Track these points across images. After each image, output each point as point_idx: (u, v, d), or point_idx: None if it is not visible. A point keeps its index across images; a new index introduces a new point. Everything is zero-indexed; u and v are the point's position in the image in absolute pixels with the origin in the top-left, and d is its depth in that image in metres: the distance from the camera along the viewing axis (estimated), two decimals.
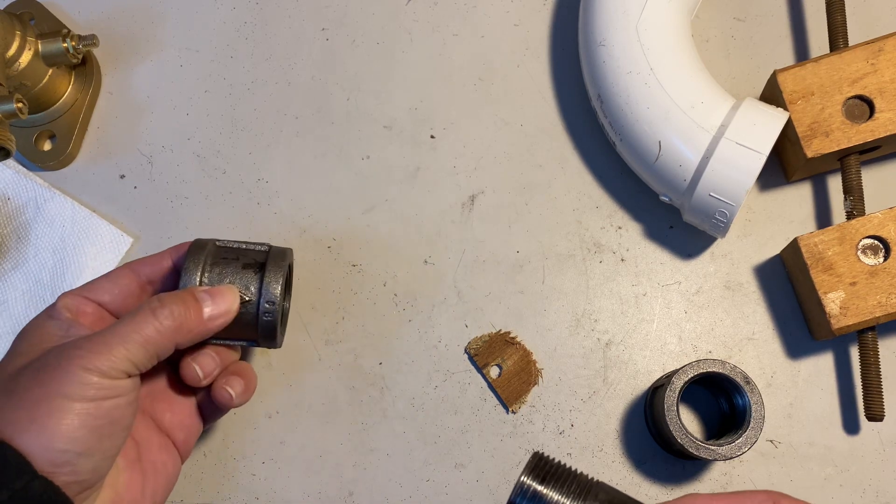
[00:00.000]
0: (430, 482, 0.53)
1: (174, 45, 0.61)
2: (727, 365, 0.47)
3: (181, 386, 0.47)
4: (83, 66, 0.60)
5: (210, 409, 0.48)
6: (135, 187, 0.59)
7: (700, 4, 0.56)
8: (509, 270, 0.56)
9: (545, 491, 0.39)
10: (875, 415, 0.49)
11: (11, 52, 0.53)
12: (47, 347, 0.41)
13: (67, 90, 0.59)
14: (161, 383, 0.47)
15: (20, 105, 0.49)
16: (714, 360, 0.48)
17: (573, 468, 0.41)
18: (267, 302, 0.45)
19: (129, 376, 0.40)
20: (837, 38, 0.53)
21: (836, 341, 0.54)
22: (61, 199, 0.58)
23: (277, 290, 0.45)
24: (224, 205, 0.58)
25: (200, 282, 0.45)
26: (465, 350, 0.55)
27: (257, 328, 0.46)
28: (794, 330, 0.54)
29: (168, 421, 0.47)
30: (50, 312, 0.44)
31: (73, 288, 0.46)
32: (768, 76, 0.53)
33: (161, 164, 0.59)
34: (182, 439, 0.47)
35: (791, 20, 0.59)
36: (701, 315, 0.55)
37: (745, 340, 0.54)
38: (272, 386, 0.55)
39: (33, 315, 0.56)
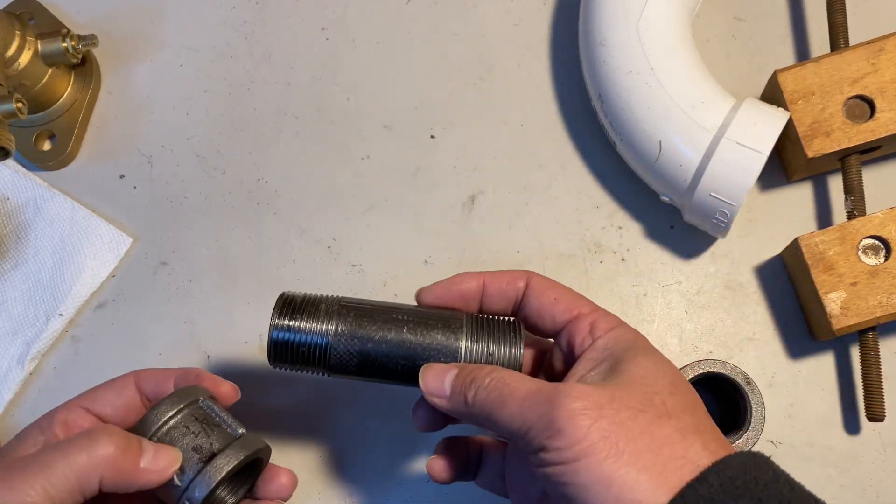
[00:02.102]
0: (431, 482, 0.53)
1: (174, 44, 0.61)
2: (728, 365, 0.47)
3: None
4: (83, 65, 0.59)
5: None
6: (134, 187, 0.59)
7: (700, 4, 0.56)
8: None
9: (295, 323, 0.42)
10: (876, 415, 0.49)
11: (11, 51, 0.53)
12: (14, 458, 0.38)
13: (67, 90, 0.59)
14: None
15: (20, 105, 0.49)
16: (715, 360, 0.48)
17: (321, 294, 0.44)
18: (187, 499, 0.39)
19: None
20: (838, 37, 0.53)
21: (837, 341, 0.53)
22: (61, 199, 0.58)
23: (201, 494, 0.39)
24: (224, 205, 0.58)
25: (154, 434, 0.40)
26: None
27: None
28: (794, 330, 0.54)
29: None
30: (41, 422, 0.41)
31: (74, 397, 0.43)
32: (769, 76, 0.53)
33: (161, 164, 0.59)
34: None
35: (792, 20, 0.59)
36: (701, 315, 0.55)
37: (746, 341, 0.54)
38: (272, 387, 0.55)
39: (33, 315, 0.56)
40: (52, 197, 0.58)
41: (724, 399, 0.51)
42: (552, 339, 0.43)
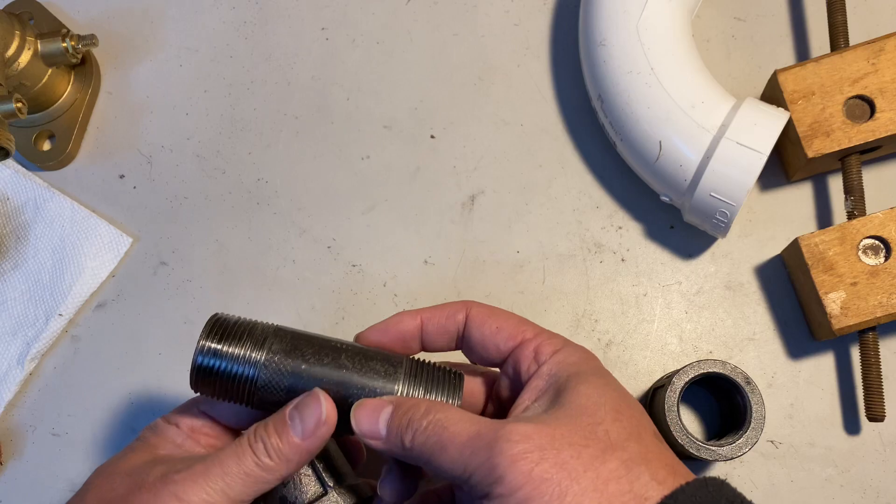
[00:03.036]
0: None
1: (174, 44, 0.61)
2: (728, 365, 0.47)
3: None
4: (82, 65, 0.59)
5: None
6: (134, 187, 0.59)
7: (700, 4, 0.56)
8: (509, 270, 0.56)
9: (224, 348, 0.39)
10: (876, 415, 0.49)
11: (11, 51, 0.53)
12: (161, 455, 0.40)
13: (67, 90, 0.59)
14: None
15: (19, 105, 0.49)
16: (715, 360, 0.48)
17: (253, 320, 0.41)
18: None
19: None
20: (838, 37, 0.53)
21: (837, 341, 0.53)
22: (60, 199, 0.58)
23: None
24: (224, 205, 0.58)
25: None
26: None
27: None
28: (794, 330, 0.54)
29: None
30: (174, 418, 0.42)
31: (194, 397, 0.43)
32: (769, 76, 0.53)
33: (161, 164, 0.59)
34: None
35: (792, 20, 0.59)
36: (701, 315, 0.55)
37: (746, 341, 0.54)
38: None
39: (33, 315, 0.56)
40: (51, 197, 0.58)
41: (724, 399, 0.51)
42: (499, 369, 0.42)
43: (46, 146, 0.59)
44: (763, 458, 0.52)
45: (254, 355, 0.39)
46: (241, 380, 0.39)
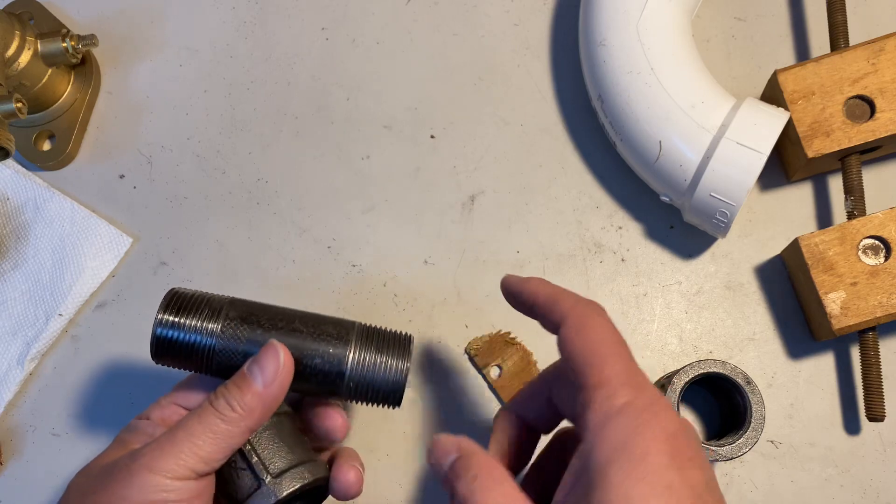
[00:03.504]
0: (431, 482, 0.53)
1: (174, 44, 0.61)
2: (728, 365, 0.47)
3: None
4: (82, 65, 0.59)
5: None
6: (134, 187, 0.59)
7: (700, 4, 0.56)
8: (509, 270, 0.56)
9: (181, 320, 0.41)
10: (876, 415, 0.49)
11: (11, 51, 0.53)
12: (136, 448, 0.40)
13: (67, 90, 0.59)
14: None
15: (19, 105, 0.49)
16: (715, 360, 0.48)
17: (209, 293, 0.43)
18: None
19: (200, 476, 0.38)
20: (838, 37, 0.53)
21: (837, 341, 0.53)
22: (60, 199, 0.58)
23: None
24: (224, 205, 0.58)
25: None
26: (466, 350, 0.55)
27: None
28: (794, 330, 0.54)
29: None
30: (146, 413, 0.43)
31: (166, 394, 0.44)
32: (769, 76, 0.53)
33: (161, 164, 0.59)
34: None
35: (792, 20, 0.59)
36: (701, 315, 0.55)
37: (746, 341, 0.54)
38: None
39: (33, 315, 0.56)
40: (51, 197, 0.58)
41: (724, 399, 0.51)
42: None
43: (46, 146, 0.59)
44: (763, 458, 0.52)
45: (210, 325, 0.41)
46: (200, 348, 0.41)
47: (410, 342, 0.44)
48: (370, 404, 0.44)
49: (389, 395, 0.43)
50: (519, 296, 0.40)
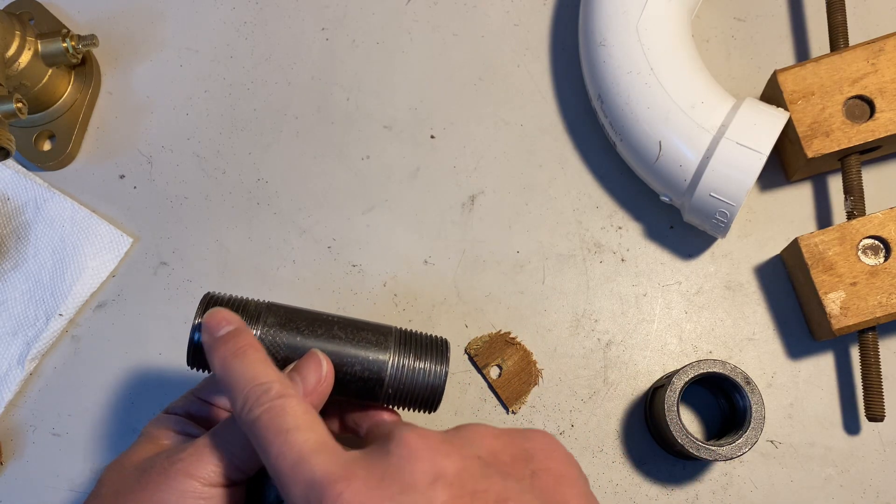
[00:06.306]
0: None
1: (174, 45, 0.61)
2: (727, 365, 0.47)
3: None
4: (83, 66, 0.59)
5: None
6: (134, 187, 0.59)
7: (700, 4, 0.56)
8: (509, 270, 0.56)
9: None
10: (875, 415, 0.49)
11: (11, 51, 0.53)
12: (165, 444, 0.40)
13: (67, 90, 0.59)
14: None
15: (20, 105, 0.49)
16: (714, 360, 0.48)
17: (246, 297, 0.42)
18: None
19: (233, 484, 0.38)
20: (838, 37, 0.53)
21: (837, 341, 0.54)
22: (61, 200, 0.58)
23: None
24: (224, 205, 0.58)
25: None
26: (465, 350, 0.55)
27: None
28: (794, 330, 0.54)
29: None
30: (172, 407, 0.43)
31: (193, 388, 0.44)
32: (769, 76, 0.53)
33: (161, 164, 0.59)
34: None
35: (791, 20, 0.59)
36: (701, 315, 0.55)
37: (746, 341, 0.54)
38: None
39: (33, 315, 0.56)
40: (52, 197, 0.58)
41: (724, 399, 0.51)
42: None
43: (47, 146, 0.59)
44: (763, 458, 0.52)
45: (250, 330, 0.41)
46: None
47: (448, 347, 0.43)
48: (406, 409, 0.43)
49: (427, 400, 0.43)
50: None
